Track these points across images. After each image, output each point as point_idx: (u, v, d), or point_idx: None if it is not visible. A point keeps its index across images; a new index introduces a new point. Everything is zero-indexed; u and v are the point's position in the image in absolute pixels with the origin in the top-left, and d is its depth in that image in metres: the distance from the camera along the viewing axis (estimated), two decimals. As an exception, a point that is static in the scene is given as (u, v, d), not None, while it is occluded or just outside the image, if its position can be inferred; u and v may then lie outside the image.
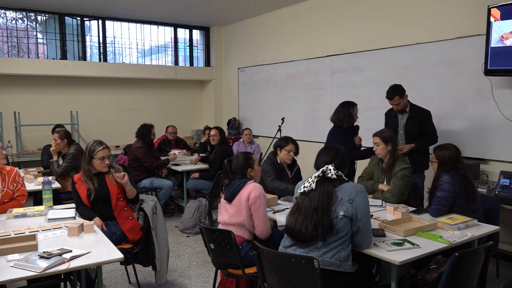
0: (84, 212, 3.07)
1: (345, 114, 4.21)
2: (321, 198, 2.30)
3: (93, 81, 7.23)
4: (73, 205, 3.28)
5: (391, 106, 4.27)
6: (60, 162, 4.52)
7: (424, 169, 4.14)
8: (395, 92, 4.08)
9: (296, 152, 3.83)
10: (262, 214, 2.79)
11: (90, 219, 2.96)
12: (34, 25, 6.83)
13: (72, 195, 3.25)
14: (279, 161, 3.83)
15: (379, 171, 3.59)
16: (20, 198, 3.21)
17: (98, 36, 7.30)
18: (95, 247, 2.38)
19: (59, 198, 4.21)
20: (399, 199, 3.35)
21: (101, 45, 7.34)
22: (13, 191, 3.18)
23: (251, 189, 2.79)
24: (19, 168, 4.81)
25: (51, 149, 4.61)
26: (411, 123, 4.13)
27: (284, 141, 3.81)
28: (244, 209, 2.78)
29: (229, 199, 2.86)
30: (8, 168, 3.22)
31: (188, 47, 8.26)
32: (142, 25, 7.66)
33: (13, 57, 6.58)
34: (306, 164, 5.13)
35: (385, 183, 3.53)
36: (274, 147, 3.90)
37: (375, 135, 3.50)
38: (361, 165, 4.32)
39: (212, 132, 5.44)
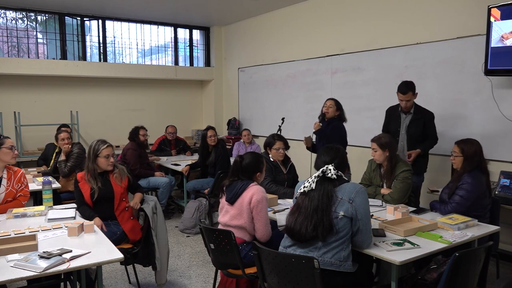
0: (85, 212, 3.08)
1: None
2: (321, 198, 2.30)
3: (93, 81, 7.23)
4: (73, 205, 3.28)
5: (390, 105, 4.26)
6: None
7: (424, 172, 4.14)
8: (410, 87, 3.98)
9: (286, 148, 3.86)
10: (264, 218, 2.77)
11: (90, 219, 2.96)
12: (34, 25, 6.83)
13: (75, 194, 3.27)
14: (272, 159, 3.86)
15: (378, 176, 3.58)
16: (22, 198, 3.22)
17: (98, 36, 7.30)
18: (95, 247, 2.38)
19: (59, 198, 4.22)
20: (400, 203, 3.34)
21: (101, 45, 7.34)
22: (17, 191, 3.19)
23: (254, 192, 2.77)
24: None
25: (63, 150, 4.61)
26: (414, 124, 4.06)
27: (272, 140, 3.84)
28: (246, 212, 2.77)
29: (231, 201, 2.85)
30: (15, 168, 3.26)
31: (188, 47, 8.27)
32: (142, 25, 7.66)
33: (13, 57, 6.58)
34: (306, 164, 5.13)
35: (385, 187, 3.52)
36: (264, 146, 3.94)
37: (372, 140, 3.48)
38: (359, 168, 4.32)
39: (210, 132, 5.42)
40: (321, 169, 2.38)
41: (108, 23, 7.35)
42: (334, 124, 4.37)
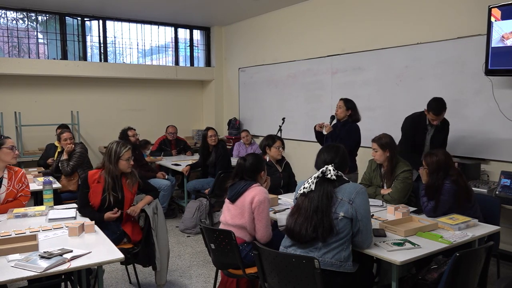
0: (90, 214, 3.07)
1: None
2: (321, 199, 2.30)
3: (94, 81, 7.23)
4: (74, 205, 3.28)
5: (391, 105, 4.26)
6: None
7: None
8: (443, 107, 3.83)
9: (283, 147, 4.16)
10: (265, 219, 2.78)
11: (99, 219, 2.96)
12: (34, 25, 6.83)
13: (80, 193, 3.22)
14: (267, 159, 4.06)
15: (378, 176, 3.58)
16: (22, 198, 3.22)
17: (99, 36, 7.30)
18: (96, 247, 2.38)
19: (59, 198, 4.22)
20: (400, 203, 3.34)
21: (102, 45, 7.34)
22: (18, 191, 3.19)
23: (256, 193, 2.78)
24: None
25: (66, 150, 4.63)
26: (438, 136, 4.02)
27: (271, 140, 4.10)
28: (247, 212, 2.78)
29: (232, 199, 2.86)
30: (16, 168, 3.26)
31: (188, 47, 8.26)
32: (142, 25, 7.66)
33: (13, 57, 6.58)
34: (306, 164, 5.13)
35: (385, 187, 3.52)
36: (262, 148, 4.14)
37: (373, 140, 3.49)
38: (359, 168, 4.32)
39: (211, 132, 5.43)
40: (320, 170, 2.38)
41: (109, 23, 7.35)
42: (348, 127, 4.30)
